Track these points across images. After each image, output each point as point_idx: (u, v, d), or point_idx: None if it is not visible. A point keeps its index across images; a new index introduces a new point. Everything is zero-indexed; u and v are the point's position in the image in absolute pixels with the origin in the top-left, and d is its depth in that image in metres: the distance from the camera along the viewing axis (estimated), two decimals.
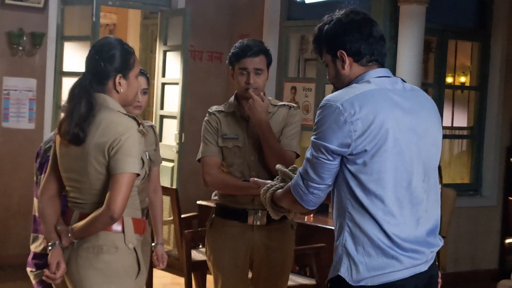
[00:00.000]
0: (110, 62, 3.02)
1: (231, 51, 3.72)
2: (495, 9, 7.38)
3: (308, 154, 2.51)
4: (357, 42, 2.54)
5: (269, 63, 3.73)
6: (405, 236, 2.45)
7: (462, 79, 7.97)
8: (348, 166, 2.44)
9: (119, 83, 3.02)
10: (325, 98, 2.50)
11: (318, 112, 2.49)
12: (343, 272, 2.45)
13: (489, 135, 7.47)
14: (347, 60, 2.56)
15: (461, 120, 7.84)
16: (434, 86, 7.25)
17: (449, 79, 7.76)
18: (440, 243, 2.57)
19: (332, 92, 2.56)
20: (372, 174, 2.42)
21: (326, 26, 2.60)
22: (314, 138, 2.48)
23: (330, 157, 2.45)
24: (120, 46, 3.06)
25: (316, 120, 2.49)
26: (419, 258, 2.48)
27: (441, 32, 7.19)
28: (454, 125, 7.78)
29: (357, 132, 2.41)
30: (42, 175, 3.28)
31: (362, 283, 2.42)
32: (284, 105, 3.81)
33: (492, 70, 7.44)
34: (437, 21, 7.01)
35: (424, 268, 2.49)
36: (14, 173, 6.94)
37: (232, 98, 3.79)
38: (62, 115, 3.06)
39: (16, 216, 6.92)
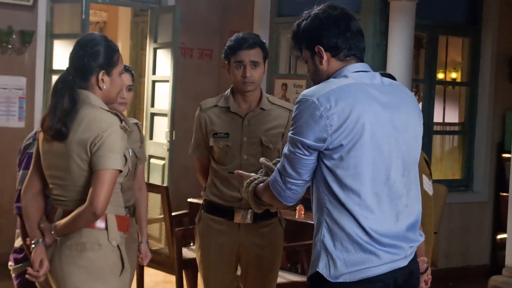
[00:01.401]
0: (94, 58, 3.01)
1: (227, 44, 3.66)
2: (486, 5, 7.37)
3: (285, 149, 2.50)
4: (334, 36, 2.52)
5: (265, 57, 3.67)
6: (384, 231, 2.43)
7: (453, 75, 7.95)
8: (325, 161, 2.43)
9: (102, 79, 3.01)
10: (302, 93, 2.49)
11: (295, 107, 2.48)
12: (322, 269, 2.43)
13: (480, 130, 7.46)
14: (325, 55, 2.54)
15: (452, 116, 7.82)
16: (425, 82, 7.25)
17: (440, 75, 7.74)
18: (420, 238, 2.55)
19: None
20: (349, 169, 2.41)
21: (304, 22, 2.59)
22: (291, 134, 2.47)
23: (306, 152, 2.43)
24: (105, 43, 3.06)
25: (293, 115, 2.48)
26: (398, 253, 2.46)
27: (432, 28, 7.18)
28: (445, 121, 7.76)
29: (333, 126, 2.39)
30: (21, 171, 3.27)
31: (340, 279, 2.41)
32: (284, 107, 3.75)
33: (483, 66, 7.43)
34: (427, 16, 7.00)
35: (403, 263, 2.48)
36: (4, 172, 6.90)
37: (228, 92, 3.73)
38: None
39: (7, 214, 6.88)
